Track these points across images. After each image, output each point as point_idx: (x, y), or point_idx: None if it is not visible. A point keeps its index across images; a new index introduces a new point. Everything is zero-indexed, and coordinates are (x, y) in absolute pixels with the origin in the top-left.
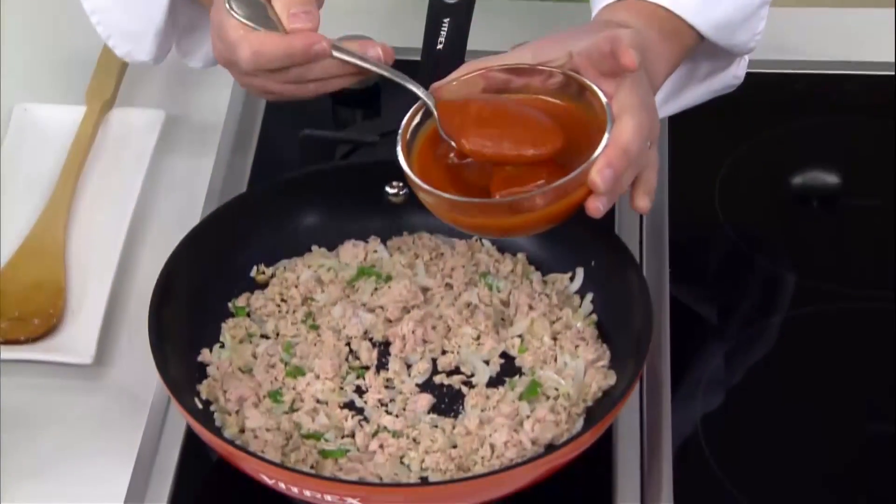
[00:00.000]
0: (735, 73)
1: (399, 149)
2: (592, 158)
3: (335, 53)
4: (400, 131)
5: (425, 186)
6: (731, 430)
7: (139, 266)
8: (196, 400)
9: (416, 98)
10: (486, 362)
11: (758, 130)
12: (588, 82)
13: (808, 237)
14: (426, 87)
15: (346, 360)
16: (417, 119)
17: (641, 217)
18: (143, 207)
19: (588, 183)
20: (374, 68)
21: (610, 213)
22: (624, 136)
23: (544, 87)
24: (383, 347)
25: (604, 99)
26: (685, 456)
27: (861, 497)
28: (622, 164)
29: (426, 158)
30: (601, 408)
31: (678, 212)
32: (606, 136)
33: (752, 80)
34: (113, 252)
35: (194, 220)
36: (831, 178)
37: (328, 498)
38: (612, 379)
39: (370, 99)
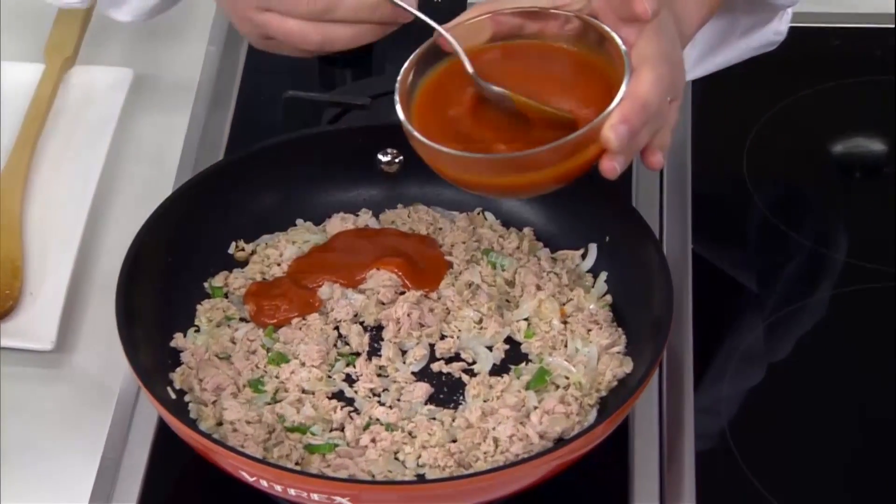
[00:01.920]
0: (777, 29)
1: (397, 99)
2: (606, 113)
3: None
4: (398, 82)
5: (426, 141)
6: (759, 423)
7: (105, 242)
8: (168, 389)
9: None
10: (489, 348)
11: (791, 91)
12: (606, 29)
13: (849, 211)
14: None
15: (335, 345)
16: (414, 71)
17: (661, 188)
18: (108, 177)
19: (601, 140)
20: (409, 8)
21: (626, 184)
22: (641, 89)
23: (560, 34)
24: (375, 332)
25: (622, 48)
26: (708, 452)
27: None
28: (639, 120)
29: (426, 112)
30: (616, 398)
31: (702, 182)
32: (623, 88)
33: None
34: (75, 226)
35: (166, 190)
36: (876, 145)
37: (315, 497)
38: (628, 366)
39: (360, 58)
